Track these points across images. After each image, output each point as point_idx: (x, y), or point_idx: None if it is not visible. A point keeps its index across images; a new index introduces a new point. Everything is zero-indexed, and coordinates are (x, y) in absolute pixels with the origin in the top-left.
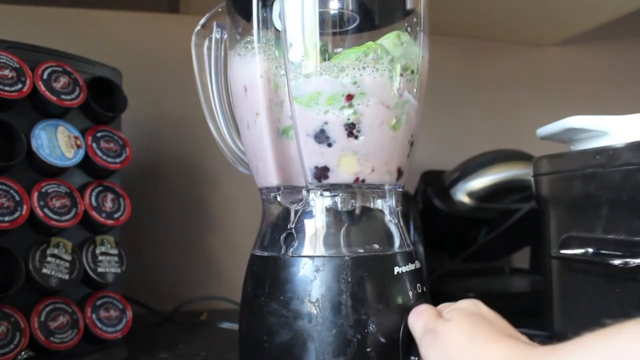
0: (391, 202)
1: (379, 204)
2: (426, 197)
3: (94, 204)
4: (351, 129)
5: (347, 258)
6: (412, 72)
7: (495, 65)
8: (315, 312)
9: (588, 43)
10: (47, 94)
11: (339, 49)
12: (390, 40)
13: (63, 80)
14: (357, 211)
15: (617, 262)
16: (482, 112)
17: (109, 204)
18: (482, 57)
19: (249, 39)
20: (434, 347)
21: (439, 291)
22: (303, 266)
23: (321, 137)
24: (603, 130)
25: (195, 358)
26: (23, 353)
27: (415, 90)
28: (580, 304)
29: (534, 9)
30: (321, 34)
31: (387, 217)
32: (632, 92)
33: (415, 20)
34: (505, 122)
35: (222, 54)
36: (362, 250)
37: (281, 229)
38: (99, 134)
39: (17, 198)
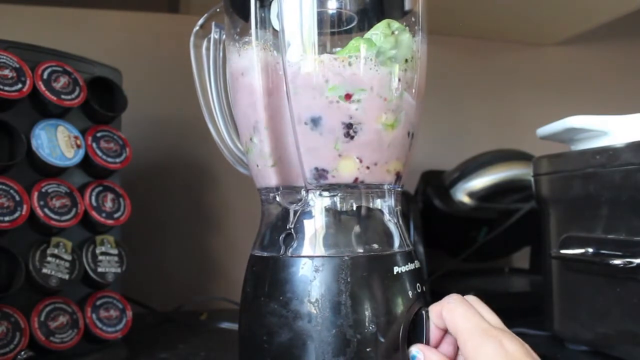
0: (390, 201)
1: (378, 203)
2: (426, 197)
3: (94, 204)
4: (349, 129)
5: (346, 258)
6: (409, 69)
7: (495, 65)
8: (314, 312)
9: (588, 43)
10: (47, 94)
11: (337, 49)
12: (380, 30)
13: (63, 80)
14: (356, 211)
15: (617, 262)
16: (482, 112)
17: (109, 204)
18: (482, 57)
19: (247, 39)
20: None
21: (439, 291)
22: (302, 266)
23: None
24: (603, 130)
25: (195, 358)
26: (23, 353)
27: (413, 90)
28: (580, 304)
29: (534, 9)
30: (319, 34)
31: (387, 217)
32: (632, 92)
33: (413, 19)
34: (505, 122)
35: (221, 54)
36: (361, 250)
37: (280, 229)
38: (99, 134)
39: (17, 198)
